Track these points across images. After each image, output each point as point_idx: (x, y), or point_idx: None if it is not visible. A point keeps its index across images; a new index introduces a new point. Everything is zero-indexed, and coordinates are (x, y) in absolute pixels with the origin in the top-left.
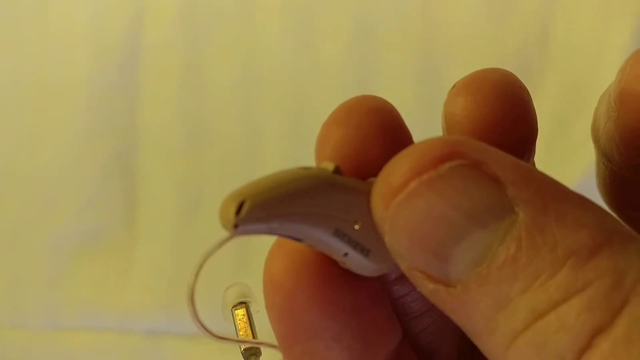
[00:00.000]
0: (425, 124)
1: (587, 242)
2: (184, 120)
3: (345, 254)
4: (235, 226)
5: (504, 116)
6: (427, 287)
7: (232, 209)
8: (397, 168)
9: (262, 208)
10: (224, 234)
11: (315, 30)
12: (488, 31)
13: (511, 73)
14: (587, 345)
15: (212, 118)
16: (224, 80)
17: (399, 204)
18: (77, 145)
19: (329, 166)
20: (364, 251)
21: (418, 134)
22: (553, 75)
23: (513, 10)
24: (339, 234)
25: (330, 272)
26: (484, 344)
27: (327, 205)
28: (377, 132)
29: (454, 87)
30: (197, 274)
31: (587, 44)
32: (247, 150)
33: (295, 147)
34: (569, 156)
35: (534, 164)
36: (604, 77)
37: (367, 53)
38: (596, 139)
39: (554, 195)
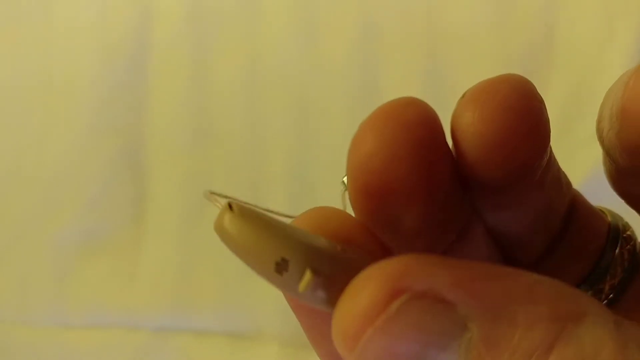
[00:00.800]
0: None
1: (543, 338)
2: (190, 119)
3: None
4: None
5: (513, 133)
6: None
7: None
8: (351, 316)
9: (227, 246)
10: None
11: (321, 29)
12: (493, 31)
13: (524, 81)
14: None
15: (219, 116)
16: (230, 79)
17: (361, 349)
18: (83, 143)
19: (304, 282)
20: None
21: None
22: (558, 74)
23: (517, 10)
24: None
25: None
26: None
27: None
28: (409, 151)
29: (463, 96)
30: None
31: (591, 44)
32: (254, 149)
33: (301, 145)
34: (575, 155)
35: (549, 170)
36: (609, 76)
37: (372, 52)
38: (600, 139)
39: (503, 300)
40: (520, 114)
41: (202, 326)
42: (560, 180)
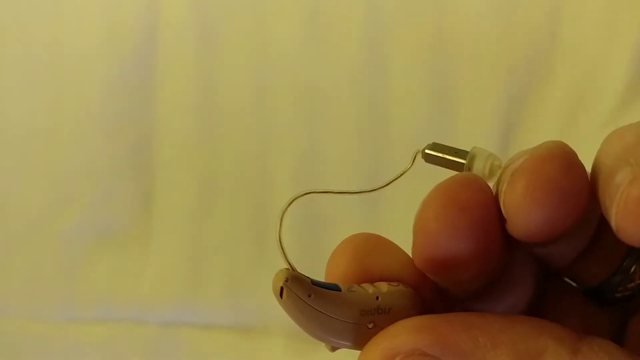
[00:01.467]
0: (435, 118)
1: None
2: (199, 115)
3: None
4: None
5: (560, 213)
6: None
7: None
8: None
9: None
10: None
11: (328, 24)
12: (498, 30)
13: (568, 155)
14: None
15: (227, 111)
16: (238, 73)
17: None
18: (93, 139)
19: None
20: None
21: (427, 129)
22: (561, 74)
23: (522, 9)
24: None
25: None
26: None
27: None
28: (468, 232)
29: (511, 174)
30: (280, 225)
31: (595, 42)
32: (262, 144)
33: (309, 139)
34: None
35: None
36: (612, 76)
37: (379, 48)
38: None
39: (472, 348)
40: (567, 195)
41: (210, 320)
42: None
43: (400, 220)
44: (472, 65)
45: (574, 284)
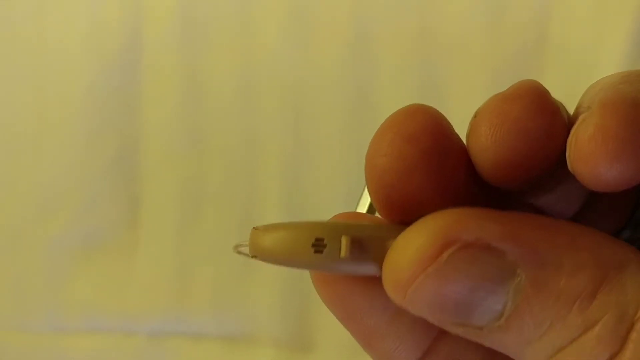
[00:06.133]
0: None
1: (587, 284)
2: (185, 123)
3: None
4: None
5: (528, 151)
6: (457, 330)
7: (250, 251)
8: (403, 264)
9: (270, 261)
10: (224, 238)
11: (314, 34)
12: (485, 35)
13: (536, 92)
14: None
15: (213, 120)
16: (224, 83)
17: (412, 293)
18: (78, 147)
19: (344, 247)
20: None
21: None
22: (550, 78)
23: (510, 9)
24: None
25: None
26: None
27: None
28: (418, 162)
29: (475, 116)
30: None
31: (584, 42)
32: (248, 153)
33: (296, 148)
34: None
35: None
36: (601, 75)
37: (365, 57)
38: None
39: (549, 247)
40: (533, 133)
41: (198, 330)
42: None
43: None
44: (460, 66)
45: None
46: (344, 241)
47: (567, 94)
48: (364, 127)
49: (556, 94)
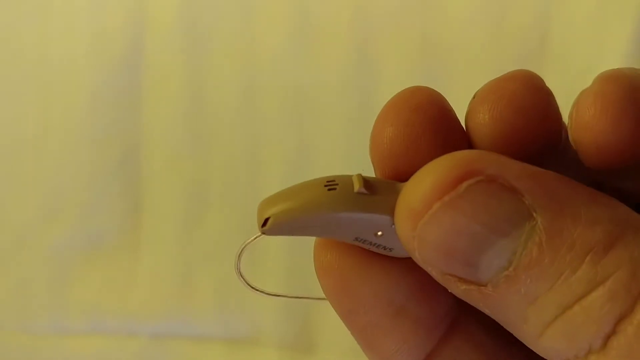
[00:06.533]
0: None
1: (602, 237)
2: (188, 127)
3: (369, 249)
4: (263, 233)
5: (524, 128)
6: (459, 288)
7: (260, 221)
8: (419, 191)
9: (283, 225)
10: (226, 240)
11: (316, 39)
12: (487, 39)
13: (530, 77)
14: (612, 332)
15: (216, 125)
16: (227, 88)
17: (425, 224)
18: (82, 151)
19: (355, 182)
20: (387, 249)
21: None
22: (551, 77)
23: (511, 13)
24: (360, 239)
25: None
26: (518, 332)
27: (348, 224)
28: (425, 129)
29: (474, 97)
30: (238, 260)
31: (585, 46)
32: (251, 155)
33: (299, 153)
34: None
35: (565, 155)
36: None
37: (368, 59)
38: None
39: (568, 197)
40: (529, 110)
41: (200, 332)
42: None
43: None
44: (461, 70)
45: None
46: (356, 178)
47: (568, 97)
48: (367, 132)
49: (557, 97)
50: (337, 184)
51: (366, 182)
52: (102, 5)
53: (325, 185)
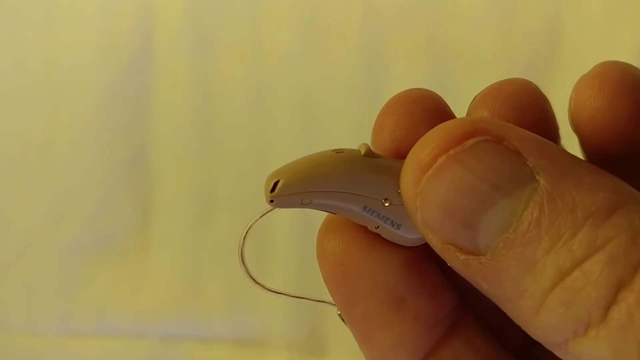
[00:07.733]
0: None
1: (604, 203)
2: (196, 129)
3: (377, 227)
4: (271, 201)
5: (520, 126)
6: (458, 259)
7: (269, 187)
8: (425, 146)
9: (293, 187)
10: (236, 241)
11: (325, 40)
12: (497, 40)
13: (528, 82)
14: (613, 300)
15: (225, 126)
16: (235, 90)
17: (429, 178)
18: (92, 153)
19: (362, 148)
20: (395, 225)
21: None
22: (562, 79)
23: (521, 15)
24: (368, 209)
25: (375, 239)
26: (514, 309)
27: (355, 186)
28: (425, 116)
29: (474, 99)
30: (243, 239)
31: (595, 48)
32: (260, 157)
33: (307, 150)
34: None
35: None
36: None
37: (377, 63)
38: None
39: (571, 164)
40: (525, 109)
41: (210, 333)
42: None
43: None
44: (471, 72)
45: None
46: (363, 145)
47: None
48: None
49: (567, 100)
50: (344, 150)
51: (373, 151)
52: (110, 7)
53: (333, 151)
